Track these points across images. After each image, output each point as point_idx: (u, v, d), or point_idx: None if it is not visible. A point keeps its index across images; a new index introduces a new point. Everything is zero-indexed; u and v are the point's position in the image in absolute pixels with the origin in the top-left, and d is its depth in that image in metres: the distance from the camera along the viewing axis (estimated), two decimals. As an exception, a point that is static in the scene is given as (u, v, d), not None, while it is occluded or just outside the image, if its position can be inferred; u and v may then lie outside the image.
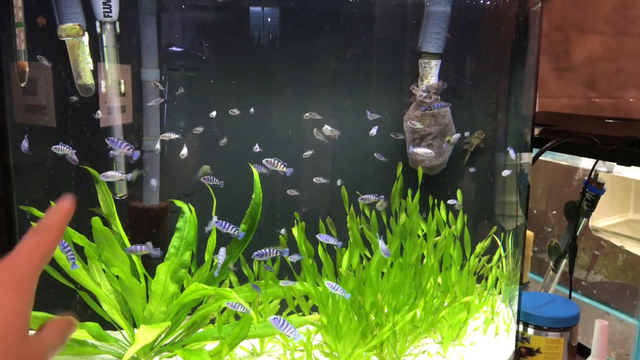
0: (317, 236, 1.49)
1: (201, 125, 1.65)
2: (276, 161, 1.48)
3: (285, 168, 1.49)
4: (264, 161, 1.49)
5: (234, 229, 1.42)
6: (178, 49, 1.66)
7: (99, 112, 1.55)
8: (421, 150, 1.69)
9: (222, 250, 1.41)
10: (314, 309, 1.59)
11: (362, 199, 1.57)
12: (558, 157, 2.07)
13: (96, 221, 1.44)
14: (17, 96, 1.52)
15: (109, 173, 1.49)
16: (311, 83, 1.75)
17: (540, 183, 2.36)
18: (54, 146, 1.45)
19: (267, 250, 1.42)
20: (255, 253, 1.40)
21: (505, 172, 1.72)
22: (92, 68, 1.57)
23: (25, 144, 1.47)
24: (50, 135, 1.60)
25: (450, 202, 1.66)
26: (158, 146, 1.64)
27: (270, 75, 1.73)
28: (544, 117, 2.40)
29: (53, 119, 1.59)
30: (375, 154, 1.65)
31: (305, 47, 1.70)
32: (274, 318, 1.26)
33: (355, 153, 1.74)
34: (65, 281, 1.49)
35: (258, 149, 1.58)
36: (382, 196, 1.57)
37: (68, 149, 1.42)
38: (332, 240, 1.47)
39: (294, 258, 1.49)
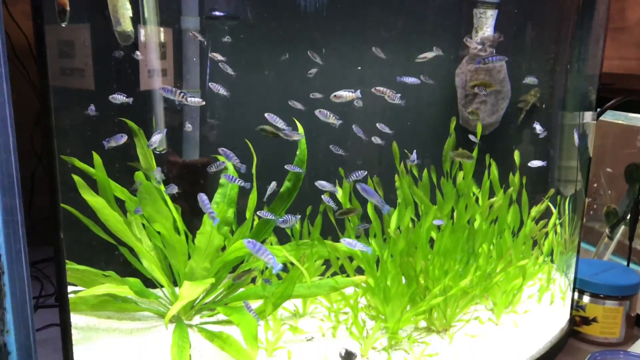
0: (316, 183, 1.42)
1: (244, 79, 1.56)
2: (329, 113, 1.39)
3: (336, 120, 1.40)
4: (317, 112, 1.40)
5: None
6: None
7: (137, 52, 1.47)
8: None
9: (203, 197, 1.30)
10: (359, 270, 1.53)
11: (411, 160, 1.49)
12: (617, 116, 1.94)
13: (139, 175, 1.39)
14: (55, 56, 1.45)
15: (154, 138, 1.42)
16: (357, 36, 1.64)
17: (595, 144, 2.23)
18: (111, 96, 1.37)
19: (289, 217, 1.34)
20: (280, 220, 1.33)
21: (535, 163, 1.57)
22: (131, 15, 1.49)
23: (92, 107, 1.42)
24: (90, 94, 1.54)
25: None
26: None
27: (314, 26, 1.63)
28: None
29: (91, 79, 1.52)
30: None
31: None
32: (248, 241, 1.13)
33: (403, 110, 1.64)
34: (106, 236, 1.45)
35: (341, 152, 1.50)
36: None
37: (124, 97, 1.36)
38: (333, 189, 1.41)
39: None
